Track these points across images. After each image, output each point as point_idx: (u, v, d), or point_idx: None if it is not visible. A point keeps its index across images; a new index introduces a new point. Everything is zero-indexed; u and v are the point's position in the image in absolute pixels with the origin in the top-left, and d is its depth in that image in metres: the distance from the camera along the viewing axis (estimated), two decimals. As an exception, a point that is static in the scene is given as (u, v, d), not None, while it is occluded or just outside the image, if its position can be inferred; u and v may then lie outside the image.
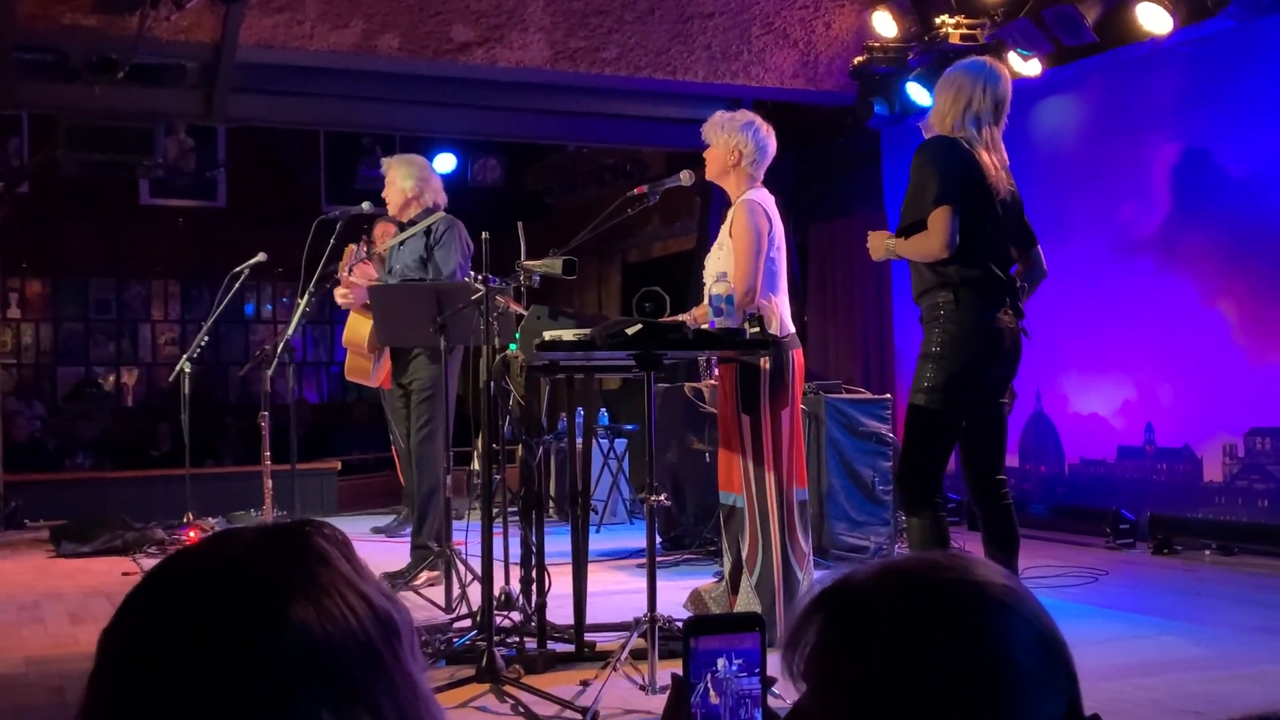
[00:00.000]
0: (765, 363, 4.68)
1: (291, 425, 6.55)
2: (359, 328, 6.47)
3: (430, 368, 6.28)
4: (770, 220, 4.82)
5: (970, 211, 4.33)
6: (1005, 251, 4.50)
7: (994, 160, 4.47)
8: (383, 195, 6.54)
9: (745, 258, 4.72)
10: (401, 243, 6.47)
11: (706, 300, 4.57)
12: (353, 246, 6.39)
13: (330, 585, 0.96)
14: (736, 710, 1.20)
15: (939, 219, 4.29)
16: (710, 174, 4.98)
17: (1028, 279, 4.64)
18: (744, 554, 4.73)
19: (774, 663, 1.21)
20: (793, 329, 4.89)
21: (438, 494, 6.17)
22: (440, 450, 6.21)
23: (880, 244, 4.59)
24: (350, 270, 6.47)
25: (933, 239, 4.31)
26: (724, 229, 4.89)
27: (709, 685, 1.19)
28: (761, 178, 4.94)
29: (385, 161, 6.64)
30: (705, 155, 4.97)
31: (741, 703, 1.20)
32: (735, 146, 4.86)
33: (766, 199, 4.87)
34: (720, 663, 1.20)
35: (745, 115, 4.98)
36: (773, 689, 1.25)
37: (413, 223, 6.46)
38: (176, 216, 14.25)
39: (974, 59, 4.76)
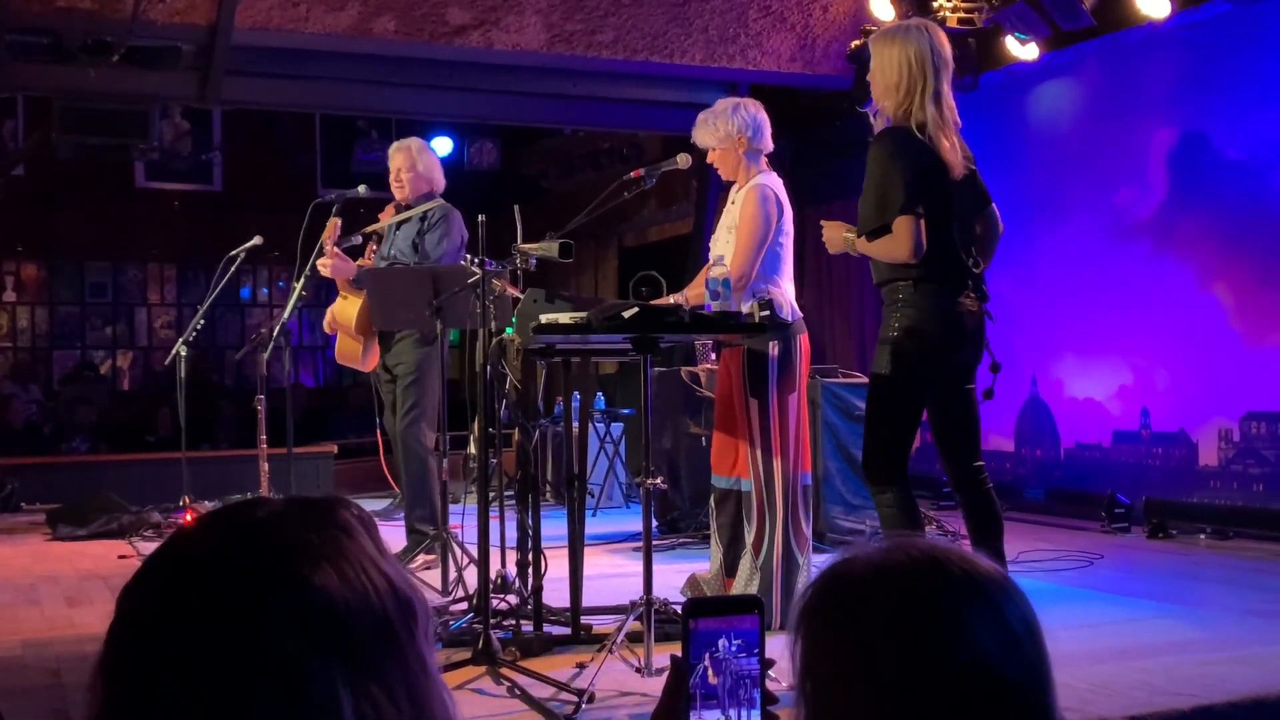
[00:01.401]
0: (774, 348, 4.68)
1: (288, 409, 6.53)
2: (346, 308, 6.41)
3: (415, 351, 6.25)
4: (781, 208, 4.82)
5: (934, 206, 4.25)
6: (966, 237, 4.41)
7: (953, 140, 4.34)
8: (394, 180, 6.47)
9: (747, 245, 4.71)
10: (398, 226, 6.45)
11: (701, 282, 4.56)
12: (336, 220, 6.33)
13: (354, 558, 0.98)
14: (735, 690, 1.20)
15: (905, 226, 4.20)
16: (725, 173, 4.97)
17: (987, 237, 4.60)
18: (750, 538, 4.73)
19: (772, 645, 1.21)
20: (799, 314, 4.88)
21: (425, 479, 6.16)
22: (426, 433, 6.19)
23: (837, 235, 4.48)
24: (335, 243, 6.39)
25: (899, 246, 4.22)
26: (730, 212, 4.87)
27: (708, 665, 1.20)
28: (767, 149, 4.93)
29: (399, 145, 6.56)
30: (712, 161, 4.95)
31: (740, 683, 1.20)
32: (738, 133, 4.85)
33: (777, 184, 4.87)
34: (720, 643, 1.20)
35: (726, 103, 4.96)
36: (770, 672, 1.25)
37: (409, 206, 6.44)
38: (172, 200, 14.22)
39: (902, 25, 4.53)
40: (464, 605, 4.85)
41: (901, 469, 4.34)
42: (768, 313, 4.34)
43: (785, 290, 4.81)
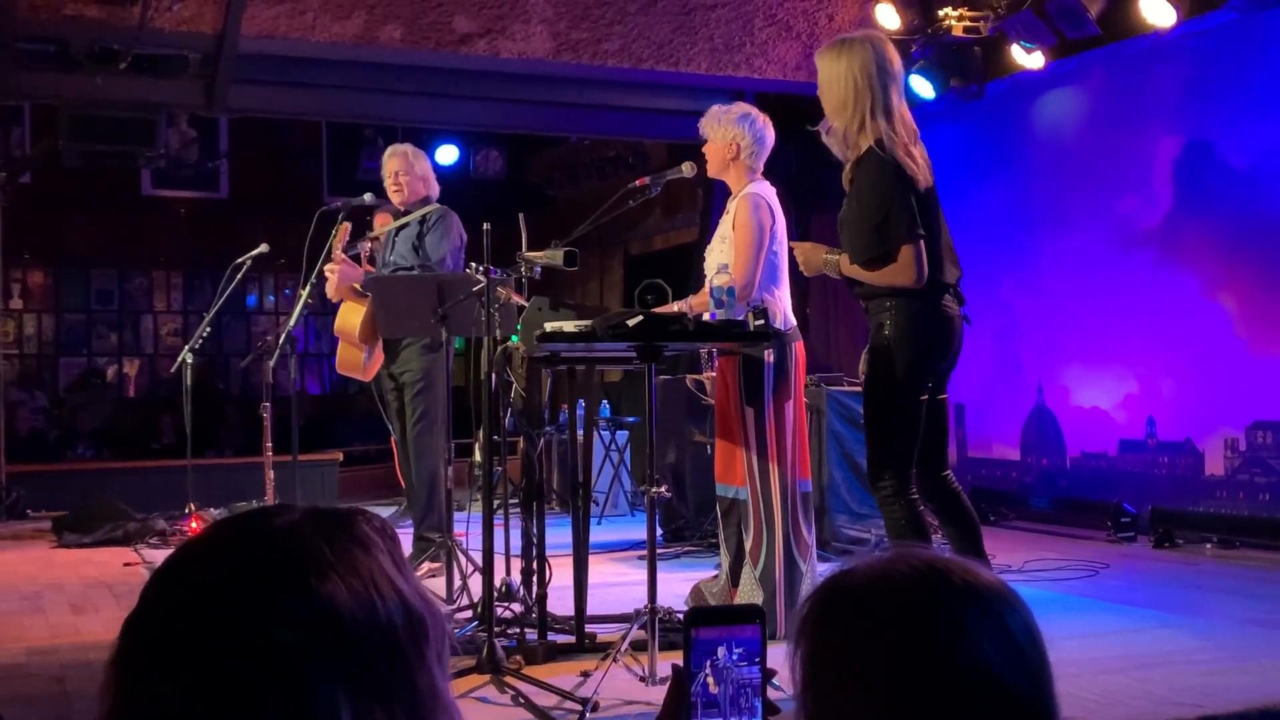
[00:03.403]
0: (769, 355, 4.68)
1: (293, 416, 6.54)
2: (349, 316, 6.40)
3: (421, 359, 6.26)
4: (773, 214, 4.82)
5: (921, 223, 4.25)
6: (939, 244, 4.39)
7: (914, 151, 4.29)
8: (392, 184, 6.48)
9: (746, 252, 4.72)
10: (397, 232, 6.46)
11: (708, 291, 4.56)
12: (346, 225, 6.33)
13: (365, 571, 0.98)
14: (736, 699, 1.20)
15: (910, 254, 4.19)
16: (711, 170, 4.97)
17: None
18: (748, 546, 4.73)
19: (774, 654, 1.21)
20: (794, 321, 4.89)
21: (437, 484, 6.17)
22: (438, 441, 6.20)
23: (816, 258, 4.44)
24: (343, 249, 6.39)
25: (907, 272, 4.19)
26: (725, 221, 4.90)
27: (709, 674, 1.20)
28: (761, 169, 4.94)
29: (395, 149, 6.57)
30: (704, 151, 4.97)
31: (741, 692, 1.20)
32: (732, 140, 4.86)
33: (768, 191, 4.87)
34: (720, 652, 1.20)
35: (741, 107, 4.97)
36: (773, 680, 1.25)
37: (407, 212, 6.46)
38: (178, 207, 14.25)
39: (846, 41, 4.41)
40: (468, 613, 4.85)
41: (906, 477, 4.32)
42: (762, 321, 4.33)
43: (781, 298, 4.82)
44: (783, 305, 4.81)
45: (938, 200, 4.42)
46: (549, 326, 4.18)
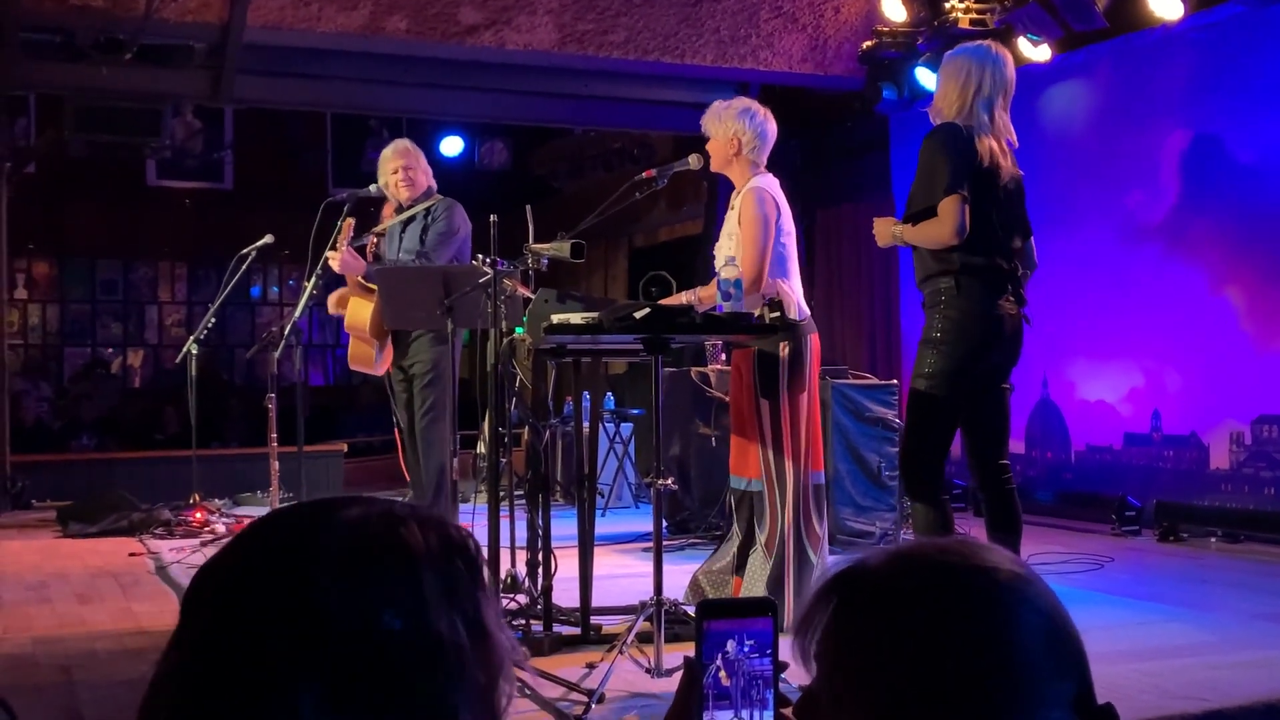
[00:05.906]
0: (784, 349, 4.68)
1: (298, 407, 6.53)
2: (359, 311, 6.39)
3: (431, 350, 6.26)
4: (779, 207, 4.82)
5: (977, 200, 4.35)
6: (1009, 240, 4.50)
7: (1001, 147, 4.49)
8: (401, 179, 6.44)
9: (752, 246, 4.71)
10: (404, 226, 6.45)
11: (716, 283, 4.56)
12: (351, 220, 6.32)
13: (431, 590, 0.99)
14: (748, 691, 1.20)
15: (949, 207, 4.31)
16: (715, 166, 4.97)
17: (1022, 265, 4.66)
18: (762, 540, 4.73)
19: (786, 646, 1.21)
20: (808, 312, 4.88)
21: (445, 477, 6.17)
22: (446, 433, 6.19)
23: (885, 230, 4.62)
24: (350, 243, 6.37)
25: (943, 226, 4.33)
26: (730, 217, 4.88)
27: (720, 666, 1.20)
28: (765, 163, 4.93)
29: (397, 145, 6.55)
30: (707, 148, 4.96)
31: (753, 684, 1.20)
32: (734, 135, 4.85)
33: (773, 185, 4.86)
34: (730, 644, 1.20)
35: (741, 102, 4.96)
36: (782, 675, 1.24)
37: (412, 205, 6.45)
38: (183, 198, 14.26)
39: (977, 43, 4.75)
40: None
41: (939, 475, 4.42)
42: (778, 314, 4.34)
43: (792, 289, 4.81)
44: (795, 297, 4.80)
45: (1024, 219, 4.61)
46: (556, 319, 4.18)
